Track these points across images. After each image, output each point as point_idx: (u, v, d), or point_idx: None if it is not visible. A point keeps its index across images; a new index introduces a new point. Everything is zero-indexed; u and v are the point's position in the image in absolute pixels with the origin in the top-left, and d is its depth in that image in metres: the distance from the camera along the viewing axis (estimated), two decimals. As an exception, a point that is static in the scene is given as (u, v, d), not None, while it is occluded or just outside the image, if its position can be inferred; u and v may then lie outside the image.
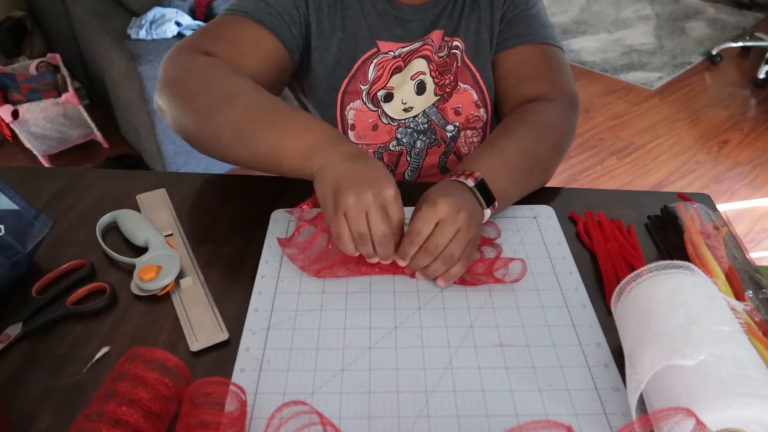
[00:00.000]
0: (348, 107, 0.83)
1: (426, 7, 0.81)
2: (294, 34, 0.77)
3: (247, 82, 0.67)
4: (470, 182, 0.64)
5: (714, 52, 3.02)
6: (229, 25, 0.75)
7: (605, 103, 2.72)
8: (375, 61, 0.81)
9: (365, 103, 0.83)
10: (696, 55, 3.11)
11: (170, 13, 1.91)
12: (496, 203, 0.65)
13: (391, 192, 0.57)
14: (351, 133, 0.84)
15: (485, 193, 0.64)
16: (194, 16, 2.02)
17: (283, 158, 0.62)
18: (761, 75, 2.79)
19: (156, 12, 1.90)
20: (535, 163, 0.73)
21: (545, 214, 0.73)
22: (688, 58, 3.08)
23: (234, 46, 0.73)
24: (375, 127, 0.84)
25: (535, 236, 0.69)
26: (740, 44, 3.09)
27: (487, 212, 0.65)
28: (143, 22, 1.86)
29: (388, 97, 0.83)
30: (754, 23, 3.48)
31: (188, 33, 1.87)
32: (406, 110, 0.84)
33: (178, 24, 1.90)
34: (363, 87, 0.82)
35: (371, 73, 0.82)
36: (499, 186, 0.66)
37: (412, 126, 0.85)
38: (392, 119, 0.84)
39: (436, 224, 0.58)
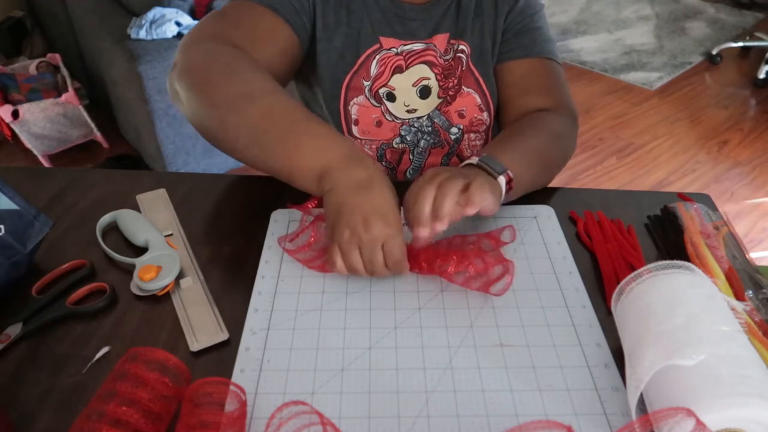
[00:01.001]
0: (351, 102, 0.83)
1: (427, 7, 0.81)
2: (305, 23, 0.78)
3: (267, 82, 0.66)
4: (474, 159, 0.66)
5: (714, 52, 3.03)
6: (244, 12, 0.75)
7: (605, 103, 2.72)
8: (377, 57, 0.82)
9: (368, 99, 0.83)
10: (696, 55, 3.11)
11: (170, 13, 1.91)
12: (509, 172, 0.65)
13: (387, 231, 0.56)
14: (355, 128, 0.85)
15: (493, 166, 0.65)
16: (194, 16, 2.02)
17: (295, 177, 0.62)
18: (761, 75, 2.79)
19: (156, 12, 1.90)
20: (545, 161, 0.76)
21: (545, 214, 0.73)
22: (688, 58, 3.09)
23: (250, 33, 0.73)
24: (379, 124, 0.84)
25: (535, 236, 0.69)
26: (740, 44, 3.09)
27: (502, 179, 0.65)
28: (143, 22, 1.86)
29: (391, 97, 0.84)
30: (754, 23, 3.48)
31: (188, 33, 1.87)
32: (409, 111, 0.85)
33: (178, 24, 1.90)
34: (366, 83, 0.83)
35: (373, 69, 0.82)
36: (512, 168, 0.66)
37: (416, 125, 0.85)
38: (396, 117, 0.85)
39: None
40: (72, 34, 2.27)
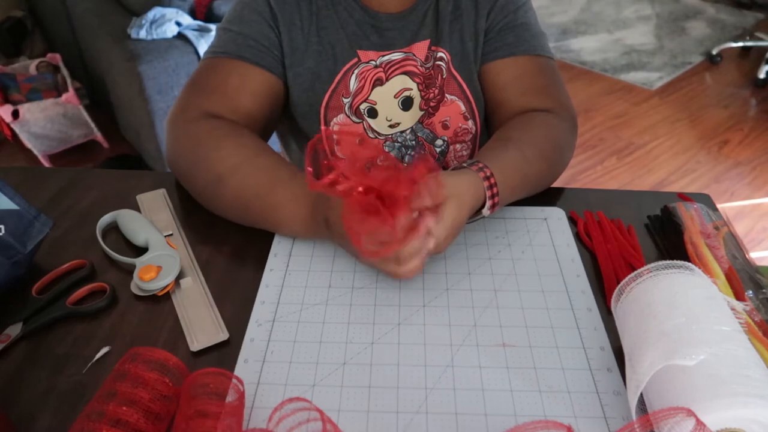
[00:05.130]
0: (332, 123, 0.81)
1: (404, 14, 0.79)
2: (277, 56, 0.77)
3: (234, 155, 0.67)
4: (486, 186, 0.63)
5: (714, 52, 3.03)
6: (213, 72, 0.76)
7: (605, 103, 2.72)
8: (356, 71, 0.79)
9: (348, 117, 0.81)
10: (696, 55, 3.11)
11: (170, 13, 1.91)
12: (495, 198, 0.64)
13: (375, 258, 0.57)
14: (338, 149, 0.83)
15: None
16: (194, 16, 2.02)
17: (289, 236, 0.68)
18: (761, 75, 2.79)
19: (156, 12, 1.90)
20: (537, 184, 0.73)
21: (555, 216, 0.72)
22: (688, 58, 3.09)
23: (223, 93, 0.74)
24: (362, 142, 0.83)
25: (545, 238, 0.69)
26: (740, 44, 3.09)
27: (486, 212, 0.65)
28: (143, 22, 1.86)
29: (372, 113, 0.82)
30: (754, 23, 3.48)
31: (188, 33, 1.87)
32: (391, 126, 0.83)
33: (178, 24, 1.90)
34: (345, 100, 0.80)
35: (353, 85, 0.80)
36: (505, 195, 0.66)
37: (400, 141, 0.83)
38: (379, 133, 0.83)
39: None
40: (72, 34, 2.27)
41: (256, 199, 0.65)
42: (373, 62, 0.80)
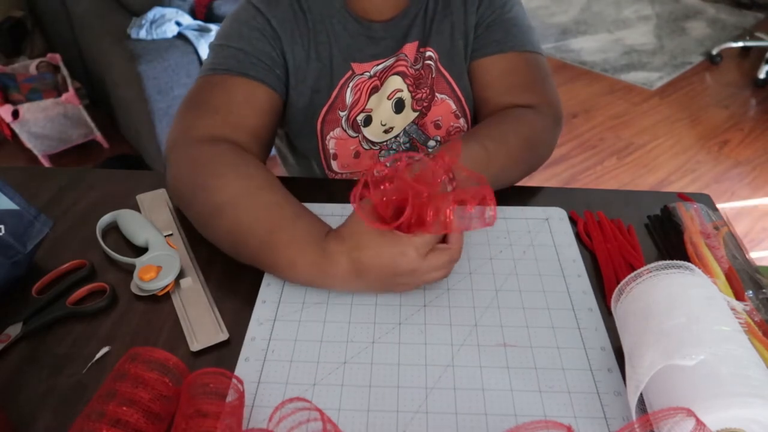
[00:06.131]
0: (328, 136, 0.81)
1: (396, 21, 0.78)
2: (279, 75, 0.76)
3: (231, 187, 0.62)
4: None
5: (714, 52, 3.03)
6: (215, 89, 0.72)
7: (605, 103, 2.72)
8: (351, 84, 0.79)
9: (345, 130, 0.81)
10: (696, 55, 3.12)
11: (170, 13, 1.91)
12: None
13: (408, 279, 0.57)
14: (334, 163, 0.82)
15: None
16: (194, 16, 2.02)
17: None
18: (761, 75, 2.79)
19: (156, 12, 1.90)
20: (501, 179, 0.72)
21: (557, 216, 0.72)
22: (688, 58, 3.09)
23: (228, 112, 0.71)
24: (357, 155, 0.82)
25: (546, 238, 0.69)
26: (740, 44, 3.09)
27: None
28: (143, 22, 1.86)
29: (367, 121, 0.81)
30: (754, 23, 3.48)
31: (188, 33, 1.87)
32: (386, 131, 0.82)
33: (178, 24, 1.90)
34: (342, 113, 0.80)
35: (349, 98, 0.79)
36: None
37: (394, 147, 0.83)
38: (373, 143, 0.82)
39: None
40: (72, 34, 2.27)
41: (252, 238, 0.59)
42: (368, 73, 0.79)
